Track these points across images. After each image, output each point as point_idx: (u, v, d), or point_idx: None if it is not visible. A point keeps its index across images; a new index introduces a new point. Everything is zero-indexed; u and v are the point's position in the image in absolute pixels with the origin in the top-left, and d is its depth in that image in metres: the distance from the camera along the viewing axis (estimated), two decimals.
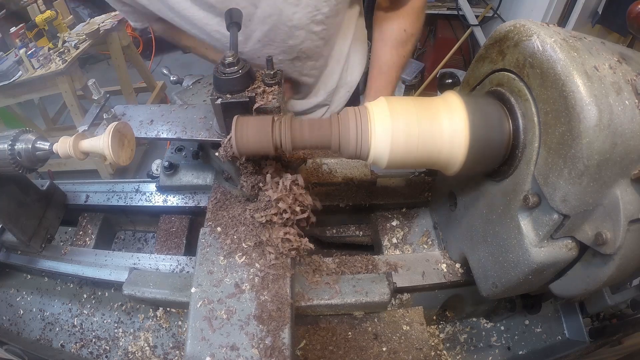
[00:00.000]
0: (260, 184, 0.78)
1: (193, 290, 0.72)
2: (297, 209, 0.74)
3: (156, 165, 1.11)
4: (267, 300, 0.70)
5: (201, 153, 1.02)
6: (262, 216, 0.76)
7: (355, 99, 1.38)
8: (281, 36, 1.01)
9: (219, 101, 0.71)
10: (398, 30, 1.18)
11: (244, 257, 0.76)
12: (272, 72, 0.74)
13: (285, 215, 0.74)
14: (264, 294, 0.71)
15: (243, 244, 0.77)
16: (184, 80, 1.06)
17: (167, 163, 1.04)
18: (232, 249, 0.77)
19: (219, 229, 0.81)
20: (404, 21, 1.17)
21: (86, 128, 0.83)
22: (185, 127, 0.84)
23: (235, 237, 0.78)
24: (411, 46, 1.23)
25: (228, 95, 0.71)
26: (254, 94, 0.72)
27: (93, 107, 0.87)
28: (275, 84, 0.74)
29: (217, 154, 0.77)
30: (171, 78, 1.06)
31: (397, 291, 0.85)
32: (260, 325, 0.67)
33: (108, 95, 0.88)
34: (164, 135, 0.84)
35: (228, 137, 0.72)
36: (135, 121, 0.86)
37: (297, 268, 0.83)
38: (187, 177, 1.05)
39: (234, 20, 0.77)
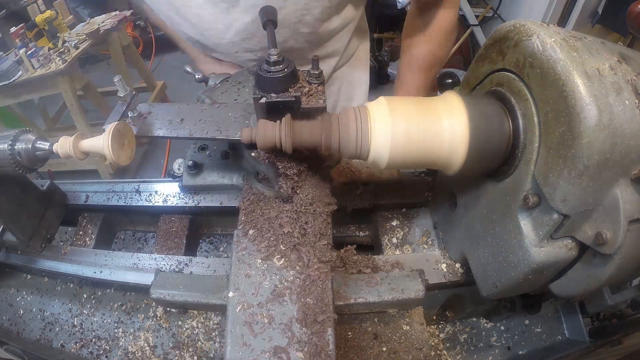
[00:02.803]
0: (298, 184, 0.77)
1: (231, 294, 0.69)
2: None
3: (178, 165, 1.07)
4: (310, 303, 0.67)
5: (231, 153, 0.98)
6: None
7: None
8: (263, 31, 1.00)
9: (263, 100, 0.68)
10: (427, 53, 1.18)
11: (283, 259, 0.72)
12: (317, 72, 0.72)
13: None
14: (306, 296, 0.68)
15: (281, 246, 0.74)
16: (209, 79, 1.03)
17: (190, 162, 1.00)
18: (270, 252, 0.73)
19: (253, 231, 0.77)
20: (433, 44, 1.17)
21: None
22: (219, 126, 0.80)
23: (272, 239, 0.75)
24: (438, 69, 1.24)
25: (273, 95, 0.69)
26: (299, 94, 0.70)
27: (119, 104, 0.82)
28: (320, 84, 0.72)
29: (253, 154, 0.75)
30: (196, 76, 1.02)
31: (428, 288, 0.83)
32: (304, 328, 0.65)
33: (135, 93, 0.83)
34: (197, 135, 0.80)
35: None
36: (163, 120, 0.83)
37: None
38: (212, 176, 1.01)
39: (269, 18, 0.76)
